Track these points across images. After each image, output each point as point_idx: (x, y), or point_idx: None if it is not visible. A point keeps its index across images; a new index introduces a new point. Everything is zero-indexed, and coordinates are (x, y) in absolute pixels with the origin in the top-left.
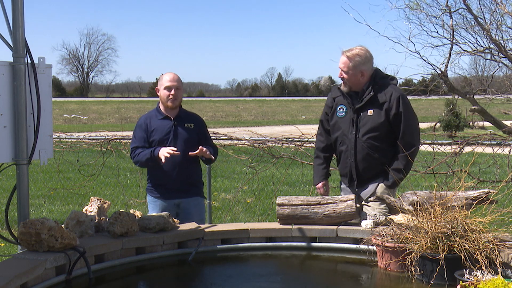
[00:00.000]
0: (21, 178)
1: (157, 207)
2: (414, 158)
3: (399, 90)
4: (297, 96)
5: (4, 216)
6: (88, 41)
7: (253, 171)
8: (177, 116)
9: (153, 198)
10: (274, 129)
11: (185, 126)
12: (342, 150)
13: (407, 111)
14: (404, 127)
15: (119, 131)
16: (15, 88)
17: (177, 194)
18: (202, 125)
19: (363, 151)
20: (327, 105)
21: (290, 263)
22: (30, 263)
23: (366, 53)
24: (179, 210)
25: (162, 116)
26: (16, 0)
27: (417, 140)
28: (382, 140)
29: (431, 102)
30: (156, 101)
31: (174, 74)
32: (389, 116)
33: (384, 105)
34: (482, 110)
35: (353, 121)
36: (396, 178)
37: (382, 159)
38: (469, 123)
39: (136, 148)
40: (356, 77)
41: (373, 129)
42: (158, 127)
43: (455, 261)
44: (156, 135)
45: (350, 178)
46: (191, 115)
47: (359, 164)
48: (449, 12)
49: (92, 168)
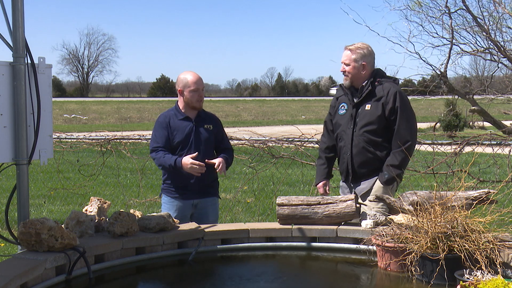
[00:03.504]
0: (21, 178)
1: (173, 208)
2: (410, 154)
3: (398, 87)
4: (297, 96)
5: (4, 216)
6: (88, 41)
7: (253, 171)
8: (197, 116)
9: (170, 198)
10: (274, 129)
11: (205, 127)
12: (341, 146)
13: (403, 107)
14: (400, 122)
15: (119, 131)
16: (15, 88)
17: (196, 195)
18: (220, 126)
19: (359, 144)
20: (331, 105)
21: (290, 263)
22: (30, 263)
23: (368, 47)
24: (195, 210)
25: (182, 116)
26: (16, 0)
27: (412, 136)
28: (378, 135)
29: (431, 102)
30: (157, 101)
31: (197, 74)
32: (385, 110)
33: (381, 99)
34: (482, 110)
35: (351, 116)
36: (391, 174)
37: (378, 155)
38: (469, 123)
39: (157, 148)
40: (358, 70)
41: (369, 123)
42: (179, 127)
43: (455, 261)
44: (177, 135)
45: (346, 173)
46: (210, 116)
47: (354, 158)
48: (448, 13)
49: (92, 168)
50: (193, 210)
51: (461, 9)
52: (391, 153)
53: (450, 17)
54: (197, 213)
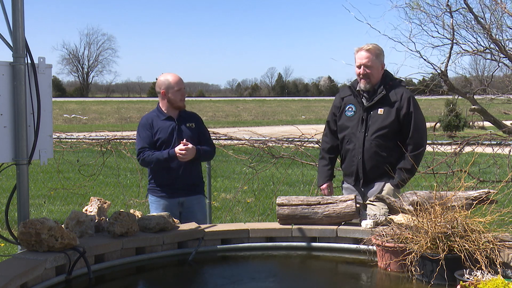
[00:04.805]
0: (21, 178)
1: (160, 206)
2: (421, 158)
3: (409, 91)
4: (297, 96)
5: (4, 216)
6: (88, 41)
7: (253, 171)
8: (179, 116)
9: (156, 197)
10: (274, 129)
11: (187, 125)
12: (349, 149)
13: (417, 112)
14: (414, 127)
15: (119, 131)
16: (15, 88)
17: (182, 193)
18: (201, 123)
19: (371, 149)
20: (335, 105)
21: (290, 263)
22: (30, 263)
23: (380, 47)
24: (182, 209)
25: (164, 116)
26: (16, 0)
27: (424, 141)
28: (390, 139)
29: (431, 102)
30: (157, 101)
31: (177, 75)
32: (399, 115)
33: (395, 104)
34: (482, 110)
35: (362, 119)
36: (402, 177)
37: (389, 159)
38: (469, 123)
39: (143, 149)
40: (378, 70)
41: (383, 127)
42: (162, 127)
43: (455, 261)
44: (160, 134)
45: (356, 177)
46: (191, 115)
47: (366, 162)
48: (449, 12)
49: (92, 168)
50: (180, 209)
51: (462, 8)
52: (404, 156)
53: (451, 16)
54: (184, 212)
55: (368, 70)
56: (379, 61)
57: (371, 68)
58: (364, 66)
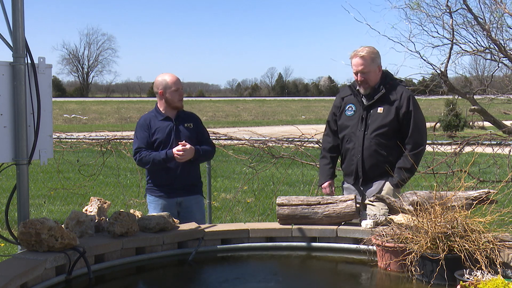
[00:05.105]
0: (21, 178)
1: (158, 206)
2: (421, 158)
3: (409, 90)
4: (297, 96)
5: (4, 216)
6: (88, 41)
7: (253, 171)
8: (177, 116)
9: (154, 197)
10: (274, 129)
11: (185, 125)
12: (349, 148)
13: (416, 111)
14: (413, 126)
15: (119, 131)
16: (15, 88)
17: (180, 193)
18: (199, 123)
19: (371, 147)
20: (335, 105)
21: (290, 263)
22: (30, 263)
23: (375, 49)
24: (180, 209)
25: (162, 116)
26: (16, 0)
27: (424, 141)
28: (389, 138)
29: (431, 102)
30: (156, 101)
31: (174, 75)
32: (399, 114)
33: (394, 103)
34: (482, 110)
35: (362, 118)
36: (402, 176)
37: (389, 158)
38: (469, 123)
39: (140, 149)
40: (375, 73)
41: (382, 126)
42: (160, 128)
43: (455, 261)
44: (158, 135)
45: (356, 176)
46: (189, 115)
47: (365, 161)
48: (449, 12)
49: (92, 168)
50: (178, 209)
51: (462, 8)
52: (403, 156)
53: (451, 16)
54: (182, 212)
55: (365, 77)
56: (375, 65)
57: (367, 74)
58: (361, 73)
